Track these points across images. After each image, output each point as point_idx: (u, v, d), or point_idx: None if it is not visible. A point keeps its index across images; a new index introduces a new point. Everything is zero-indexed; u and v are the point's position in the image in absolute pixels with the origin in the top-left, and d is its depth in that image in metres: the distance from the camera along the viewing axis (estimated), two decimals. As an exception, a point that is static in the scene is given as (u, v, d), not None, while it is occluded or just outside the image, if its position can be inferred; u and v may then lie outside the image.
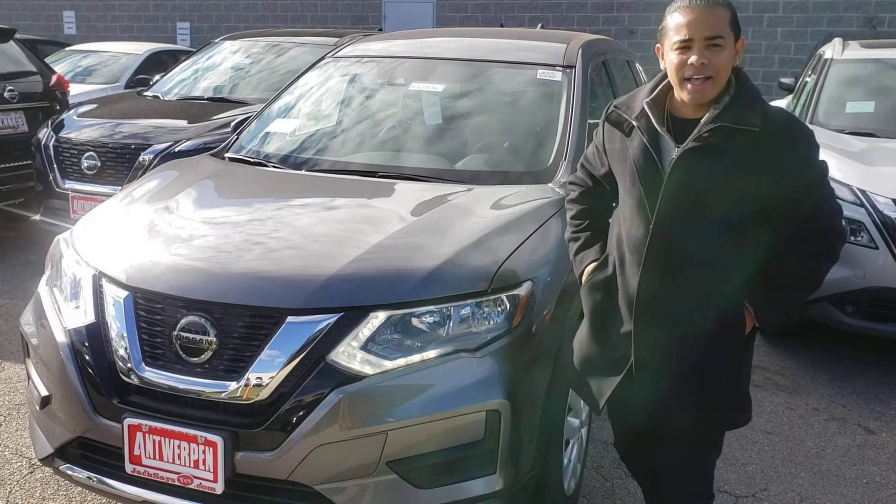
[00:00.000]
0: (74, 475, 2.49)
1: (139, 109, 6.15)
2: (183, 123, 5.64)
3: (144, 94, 6.77)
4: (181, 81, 6.75)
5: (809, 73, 6.03)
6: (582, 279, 2.24)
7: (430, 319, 2.31)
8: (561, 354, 2.50)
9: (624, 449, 2.43)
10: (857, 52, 5.69)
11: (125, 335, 2.36)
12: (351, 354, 2.22)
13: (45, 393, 2.55)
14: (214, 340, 2.27)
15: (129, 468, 2.32)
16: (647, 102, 2.04)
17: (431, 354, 2.27)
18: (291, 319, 2.24)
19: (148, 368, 2.32)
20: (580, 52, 3.75)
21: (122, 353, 2.35)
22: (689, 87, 1.95)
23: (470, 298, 2.34)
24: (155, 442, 2.27)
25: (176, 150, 5.20)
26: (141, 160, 5.25)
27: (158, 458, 2.28)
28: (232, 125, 5.16)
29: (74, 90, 7.89)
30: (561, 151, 3.23)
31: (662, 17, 2.02)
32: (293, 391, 2.20)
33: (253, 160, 3.47)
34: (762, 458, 3.44)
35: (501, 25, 11.69)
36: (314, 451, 2.18)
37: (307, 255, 2.51)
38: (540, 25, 5.87)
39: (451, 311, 2.32)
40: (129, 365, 2.33)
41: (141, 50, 10.34)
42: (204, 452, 2.23)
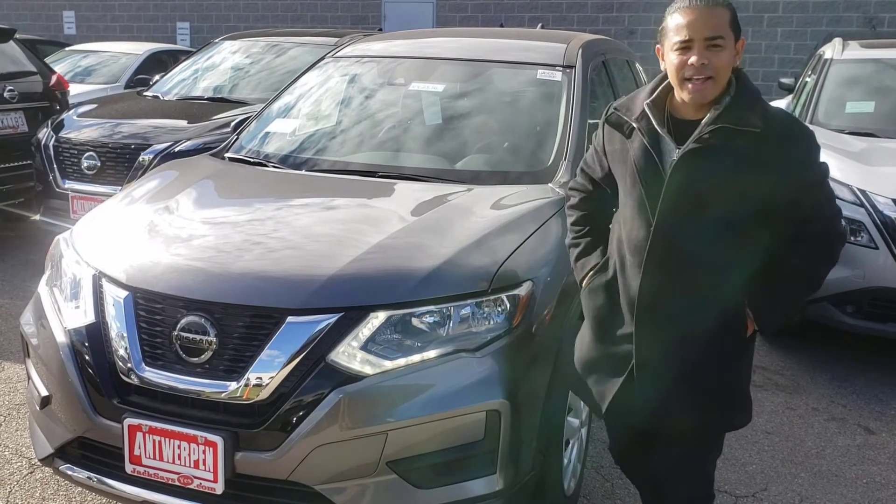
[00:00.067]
0: (74, 475, 2.49)
1: (139, 109, 6.15)
2: (183, 123, 5.64)
3: (144, 94, 6.77)
4: (181, 81, 6.75)
5: (809, 73, 6.02)
6: (583, 284, 2.24)
7: (430, 319, 2.31)
8: (561, 354, 2.50)
9: (621, 451, 2.42)
10: (856, 52, 5.69)
11: (125, 335, 2.36)
12: (351, 354, 2.22)
13: (45, 393, 2.55)
14: (214, 340, 2.27)
15: (129, 468, 2.32)
16: (647, 104, 2.04)
17: (431, 354, 2.27)
18: (291, 319, 2.24)
19: (148, 368, 2.32)
20: (580, 52, 3.75)
21: (122, 353, 2.35)
22: (689, 87, 1.95)
23: (470, 298, 2.34)
24: (155, 442, 2.27)
25: (176, 150, 5.19)
26: (141, 160, 5.25)
27: (158, 458, 2.28)
28: (232, 125, 5.16)
29: (74, 90, 7.89)
30: (561, 151, 3.23)
31: (662, 17, 2.02)
32: (293, 391, 2.20)
33: (253, 160, 3.47)
34: (762, 458, 3.44)
35: (501, 25, 11.69)
36: (314, 451, 2.18)
37: (307, 255, 2.51)
38: (540, 25, 5.87)
39: (451, 311, 2.32)
40: (129, 365, 2.33)
41: (141, 50, 10.33)
42: (204, 452, 2.23)
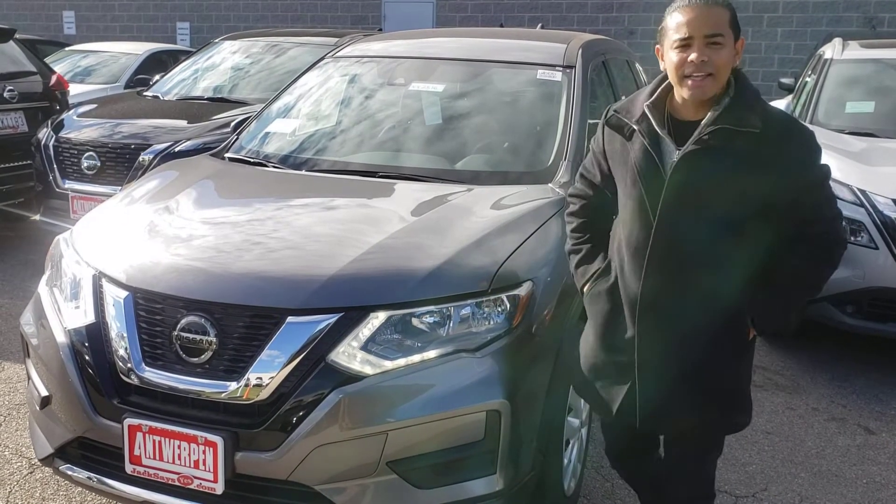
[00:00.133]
0: (74, 475, 2.49)
1: (139, 109, 6.15)
2: (183, 123, 5.63)
3: (144, 94, 6.77)
4: (181, 81, 6.75)
5: (809, 73, 6.02)
6: (584, 290, 2.23)
7: (430, 319, 2.31)
8: (561, 354, 2.50)
9: (620, 452, 2.42)
10: (856, 52, 5.69)
11: (125, 335, 2.36)
12: (351, 354, 2.22)
13: (45, 393, 2.55)
14: (214, 340, 2.27)
15: (129, 468, 2.32)
16: (647, 105, 2.04)
17: (431, 354, 2.27)
18: (291, 319, 2.24)
19: (148, 368, 2.32)
20: (580, 52, 3.75)
21: (122, 353, 2.35)
22: (689, 83, 1.94)
23: (470, 298, 2.34)
24: (155, 442, 2.27)
25: (176, 150, 5.19)
26: (141, 160, 5.25)
27: (158, 458, 2.28)
28: (232, 125, 5.16)
29: (74, 90, 7.89)
30: (561, 151, 3.23)
31: (662, 17, 2.02)
32: (293, 391, 2.20)
33: (253, 160, 3.47)
34: (762, 458, 3.44)
35: (501, 25, 11.69)
36: (314, 451, 2.18)
37: (307, 255, 2.51)
38: (540, 25, 5.87)
39: (451, 311, 2.32)
40: (129, 365, 2.33)
41: (141, 50, 10.33)
42: (204, 452, 2.23)
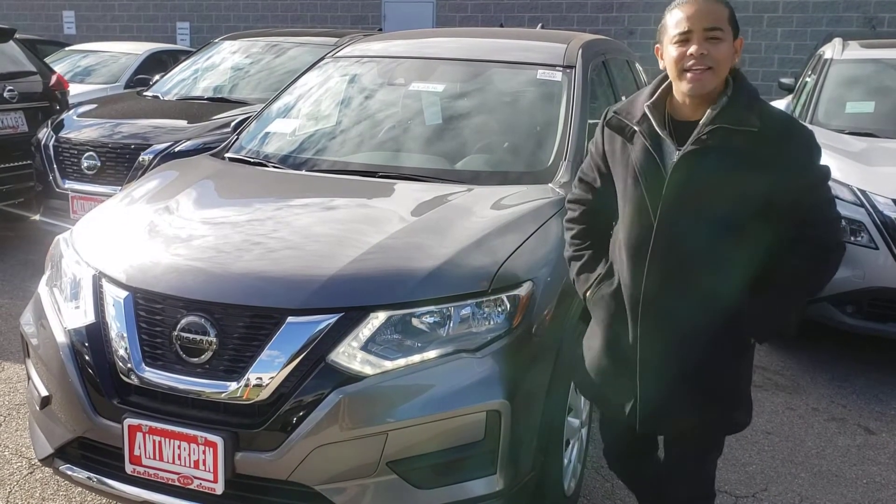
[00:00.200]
0: (74, 475, 2.49)
1: (139, 109, 6.15)
2: (183, 123, 5.63)
3: (144, 94, 6.77)
4: (181, 81, 6.75)
5: (809, 73, 6.02)
6: (586, 295, 2.22)
7: (430, 320, 2.31)
8: (561, 354, 2.50)
9: (620, 453, 2.41)
10: (856, 52, 5.68)
11: (125, 335, 2.36)
12: (351, 355, 2.22)
13: (45, 393, 2.55)
14: (214, 341, 2.27)
15: (129, 468, 2.32)
16: (647, 106, 2.04)
17: (432, 355, 2.27)
18: (291, 320, 2.24)
19: (148, 369, 2.32)
20: (580, 52, 3.75)
21: (122, 353, 2.35)
22: (688, 76, 1.94)
23: (470, 298, 2.34)
24: (155, 442, 2.27)
25: (176, 150, 5.19)
26: (141, 160, 5.25)
27: (158, 458, 2.28)
28: (232, 125, 5.16)
29: (74, 90, 7.89)
30: (561, 151, 3.22)
31: (662, 17, 2.03)
32: (293, 391, 2.20)
33: (253, 160, 3.47)
34: (762, 458, 3.44)
35: (501, 25, 11.69)
36: (314, 451, 2.18)
37: (307, 255, 2.51)
38: (540, 25, 5.87)
39: (451, 311, 2.32)
40: (129, 365, 2.33)
41: (141, 50, 10.33)
42: (204, 453, 2.23)
